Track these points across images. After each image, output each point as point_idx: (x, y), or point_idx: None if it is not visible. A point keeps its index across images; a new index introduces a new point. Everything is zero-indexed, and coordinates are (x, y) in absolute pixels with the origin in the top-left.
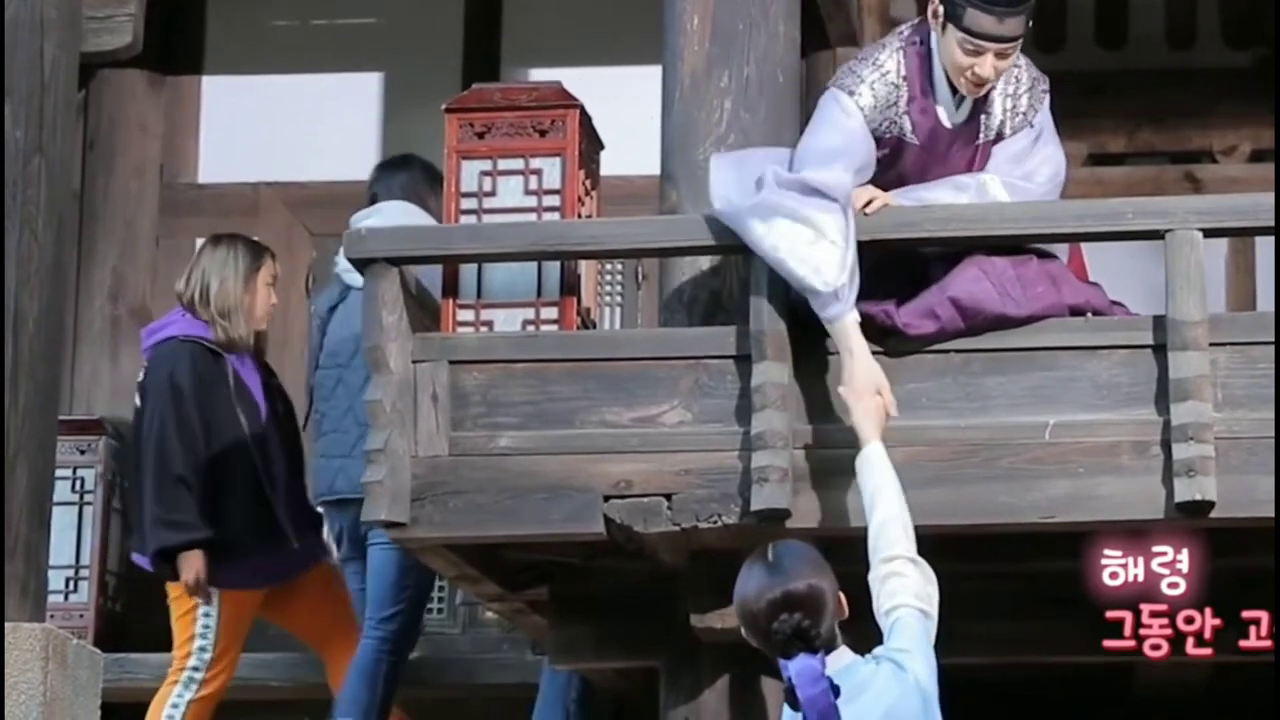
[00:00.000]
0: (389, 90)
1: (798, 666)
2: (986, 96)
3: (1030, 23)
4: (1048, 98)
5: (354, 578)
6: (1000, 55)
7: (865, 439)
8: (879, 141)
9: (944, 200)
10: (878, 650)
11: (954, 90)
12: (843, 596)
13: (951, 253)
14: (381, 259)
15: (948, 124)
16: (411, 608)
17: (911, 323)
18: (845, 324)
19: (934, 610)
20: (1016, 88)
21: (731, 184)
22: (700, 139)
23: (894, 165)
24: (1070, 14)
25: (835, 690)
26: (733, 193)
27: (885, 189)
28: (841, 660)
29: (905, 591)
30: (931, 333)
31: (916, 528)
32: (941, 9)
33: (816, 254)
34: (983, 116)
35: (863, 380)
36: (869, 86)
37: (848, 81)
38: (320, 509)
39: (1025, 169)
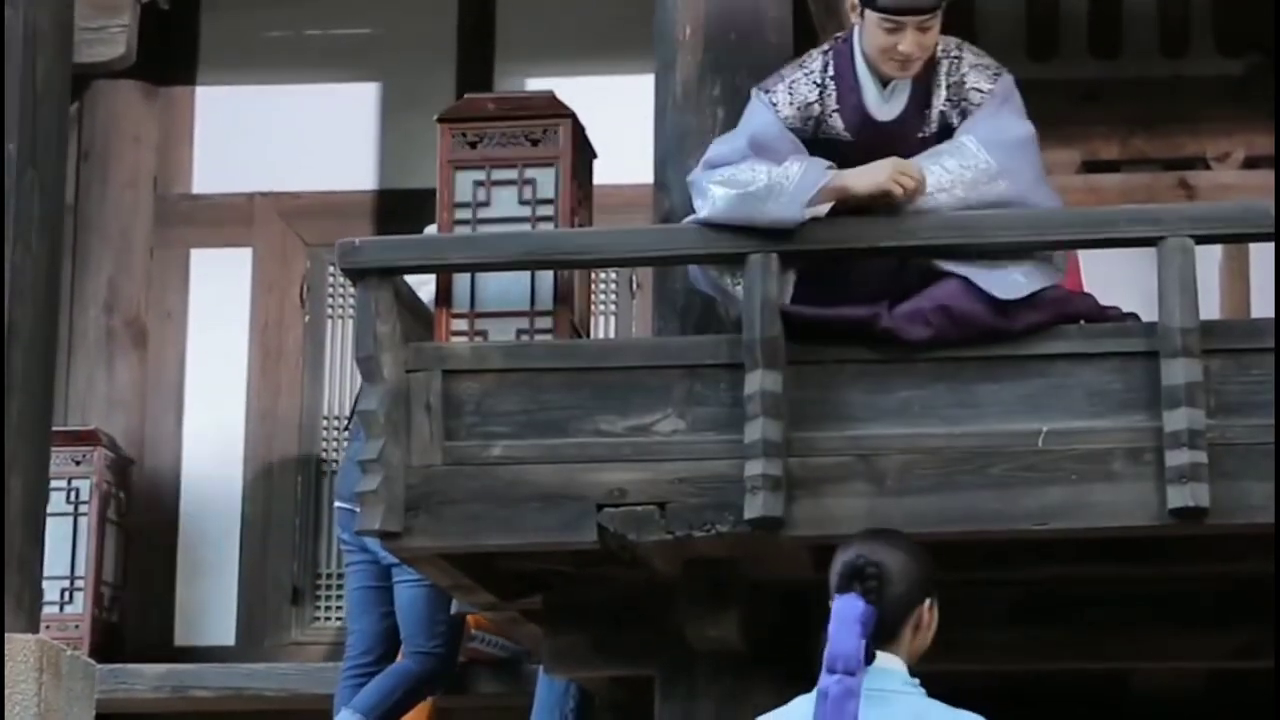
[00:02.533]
0: (383, 100)
1: (842, 602)
2: (926, 90)
3: None
4: (1008, 78)
5: (353, 577)
6: (921, 29)
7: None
8: (814, 145)
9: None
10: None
11: (883, 84)
12: (927, 616)
13: (943, 258)
14: (375, 269)
15: (879, 118)
16: (446, 645)
17: (904, 327)
18: (827, 189)
19: None
20: (957, 76)
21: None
22: (693, 148)
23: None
24: (1063, 23)
25: (870, 656)
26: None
27: None
28: (889, 663)
29: None
30: (923, 339)
31: (910, 535)
32: None
33: (757, 180)
34: (926, 111)
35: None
36: (787, 86)
37: (769, 81)
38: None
39: (996, 125)
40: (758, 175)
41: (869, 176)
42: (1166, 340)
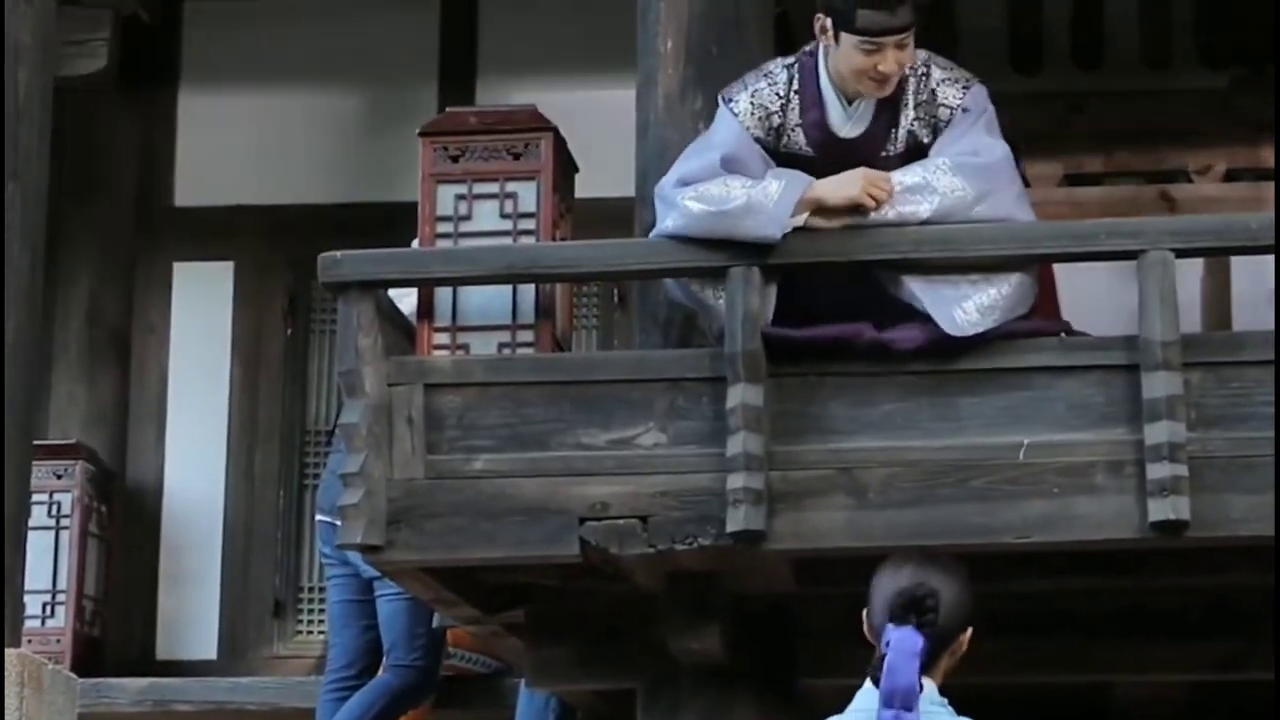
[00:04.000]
0: (366, 113)
1: (899, 634)
2: (893, 107)
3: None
4: (980, 90)
5: (334, 591)
6: (899, 47)
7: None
8: (777, 159)
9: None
10: None
11: (849, 101)
12: (964, 642)
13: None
14: (356, 283)
15: (842, 135)
16: (428, 658)
17: (896, 338)
18: (802, 200)
19: None
20: (926, 93)
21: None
22: (675, 161)
23: None
24: (1046, 35)
25: (922, 685)
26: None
27: None
28: (932, 695)
29: None
30: (919, 344)
31: (892, 549)
32: (829, 21)
33: (734, 197)
34: (892, 130)
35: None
36: (750, 95)
37: (733, 89)
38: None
39: (973, 146)
40: (733, 192)
41: (842, 189)
42: (1147, 353)
